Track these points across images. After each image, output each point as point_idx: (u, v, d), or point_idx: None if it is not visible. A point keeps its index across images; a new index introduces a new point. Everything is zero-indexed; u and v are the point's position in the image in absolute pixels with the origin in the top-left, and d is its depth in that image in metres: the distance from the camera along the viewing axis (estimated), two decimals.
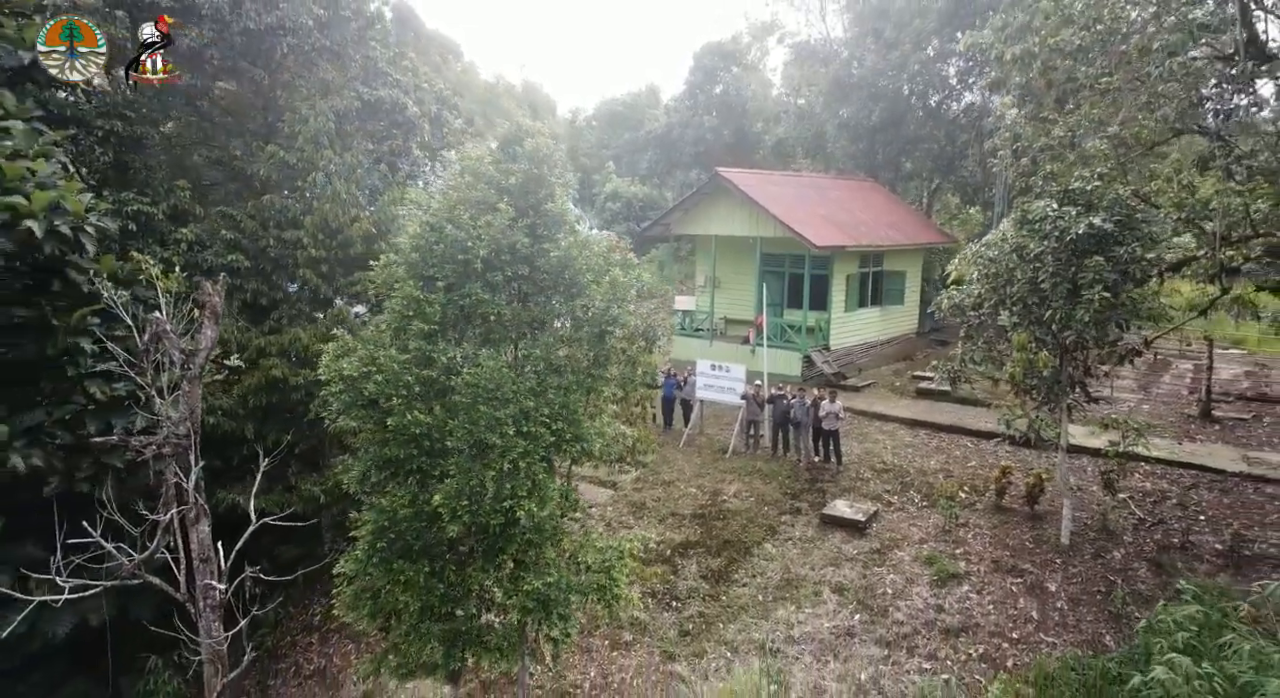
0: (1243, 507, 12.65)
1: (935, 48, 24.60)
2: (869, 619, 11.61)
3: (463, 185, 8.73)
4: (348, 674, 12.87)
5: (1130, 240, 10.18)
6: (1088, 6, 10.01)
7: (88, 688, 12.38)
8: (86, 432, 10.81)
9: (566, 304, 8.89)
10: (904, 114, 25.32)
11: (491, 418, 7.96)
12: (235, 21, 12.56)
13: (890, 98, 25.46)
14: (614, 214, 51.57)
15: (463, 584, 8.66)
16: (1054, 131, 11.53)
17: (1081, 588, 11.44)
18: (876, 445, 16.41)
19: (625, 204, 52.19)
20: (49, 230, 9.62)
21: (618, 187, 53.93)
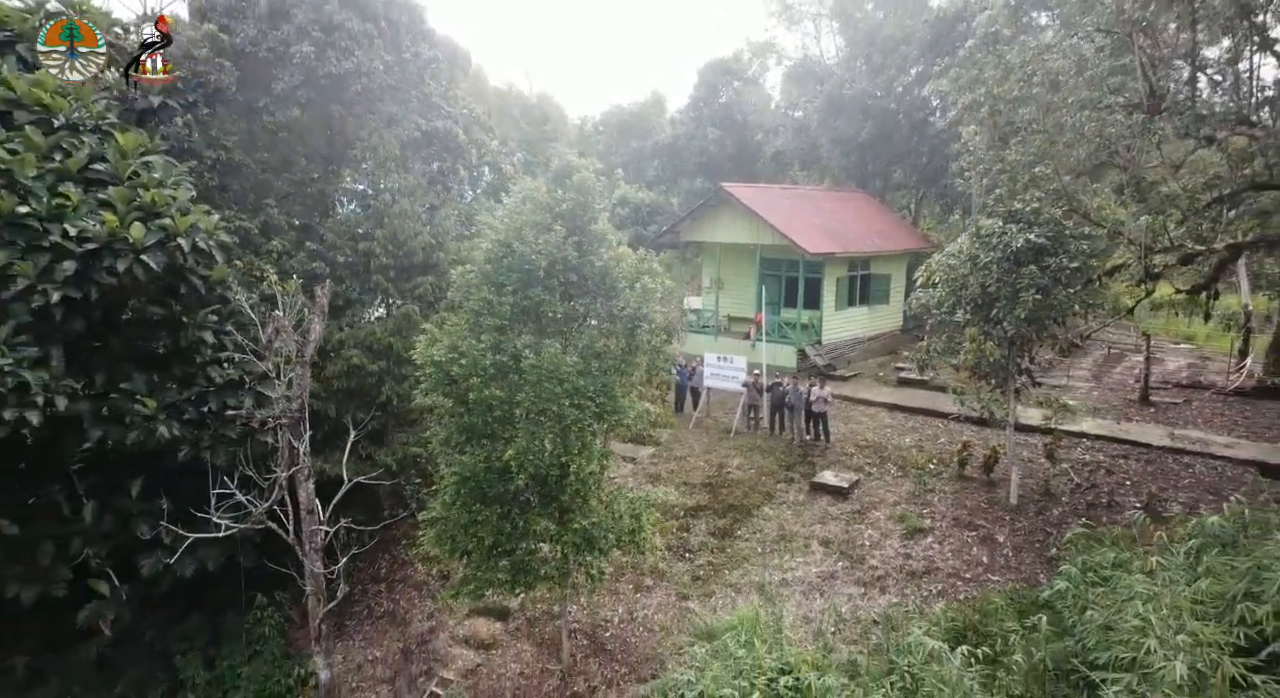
0: (1162, 474, 14.78)
1: (919, 72, 26.66)
2: (849, 566, 13.75)
3: (525, 210, 10.88)
4: (413, 614, 15.03)
5: (1059, 253, 12.31)
6: (1024, 63, 12.12)
7: (202, 622, 14.56)
8: (209, 408, 12.99)
9: (605, 304, 11.05)
10: (892, 130, 27.39)
11: (551, 392, 10.13)
12: (320, 67, 14.71)
13: (879, 116, 27.56)
14: (623, 219, 53.59)
15: (525, 525, 10.83)
16: (1008, 157, 13.65)
17: (1024, 539, 13.58)
18: (860, 426, 18.55)
19: (633, 209, 54.21)
20: (191, 246, 11.78)
21: (626, 193, 55.95)
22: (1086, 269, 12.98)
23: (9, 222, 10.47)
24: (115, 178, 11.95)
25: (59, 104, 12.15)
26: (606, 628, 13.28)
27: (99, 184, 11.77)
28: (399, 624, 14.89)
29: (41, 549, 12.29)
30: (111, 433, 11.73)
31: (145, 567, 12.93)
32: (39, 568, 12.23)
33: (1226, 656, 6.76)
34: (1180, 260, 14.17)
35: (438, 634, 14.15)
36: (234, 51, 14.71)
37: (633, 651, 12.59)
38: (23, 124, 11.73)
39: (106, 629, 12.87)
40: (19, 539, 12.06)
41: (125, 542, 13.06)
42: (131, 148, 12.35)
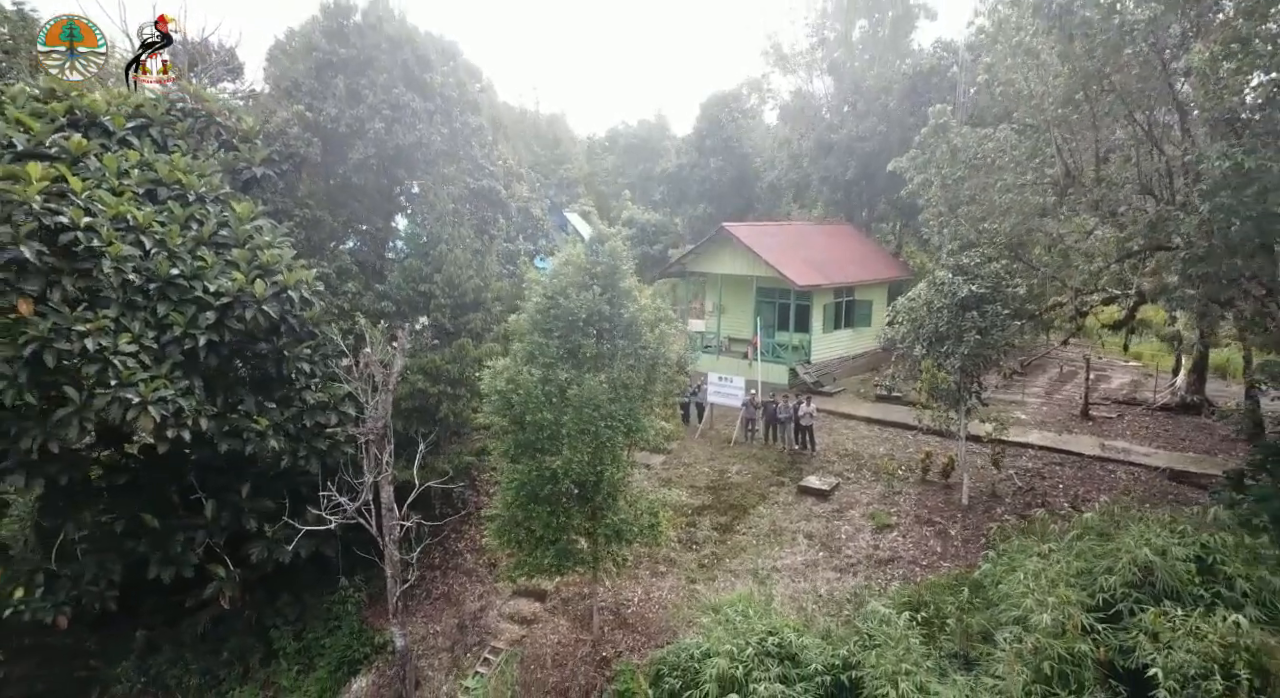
0: (1089, 479, 17.28)
1: (898, 119, 29.20)
2: (828, 555, 16.27)
3: (568, 272, 13.42)
4: (465, 596, 17.55)
5: (996, 301, 14.85)
6: (967, 147, 14.67)
7: (290, 600, 17.13)
8: (304, 424, 15.56)
9: (631, 345, 13.58)
10: (875, 170, 29.84)
11: (589, 416, 12.68)
12: (389, 140, 17.30)
13: (863, 157, 30.08)
14: (630, 239, 56.28)
15: (566, 520, 13.39)
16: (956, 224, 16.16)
17: (972, 532, 16.08)
18: (841, 437, 21.07)
19: (640, 230, 56.67)
20: (298, 297, 14.38)
21: (633, 214, 58.50)
22: (1022, 313, 15.52)
23: (166, 281, 13.08)
24: (236, 241, 14.56)
25: (190, 181, 14.75)
26: (628, 606, 15.78)
27: (225, 247, 14.37)
28: (454, 604, 17.42)
29: (174, 539, 14.91)
30: (234, 446, 14.31)
31: (254, 554, 15.53)
32: (173, 554, 14.85)
33: (1080, 611, 9.31)
34: (1103, 302, 16.74)
35: (487, 612, 16.70)
36: (318, 127, 17.31)
37: (650, 624, 15.11)
38: (165, 199, 14.36)
39: (225, 604, 15.45)
40: (159, 531, 14.69)
41: (236, 533, 15.66)
42: (245, 215, 14.97)
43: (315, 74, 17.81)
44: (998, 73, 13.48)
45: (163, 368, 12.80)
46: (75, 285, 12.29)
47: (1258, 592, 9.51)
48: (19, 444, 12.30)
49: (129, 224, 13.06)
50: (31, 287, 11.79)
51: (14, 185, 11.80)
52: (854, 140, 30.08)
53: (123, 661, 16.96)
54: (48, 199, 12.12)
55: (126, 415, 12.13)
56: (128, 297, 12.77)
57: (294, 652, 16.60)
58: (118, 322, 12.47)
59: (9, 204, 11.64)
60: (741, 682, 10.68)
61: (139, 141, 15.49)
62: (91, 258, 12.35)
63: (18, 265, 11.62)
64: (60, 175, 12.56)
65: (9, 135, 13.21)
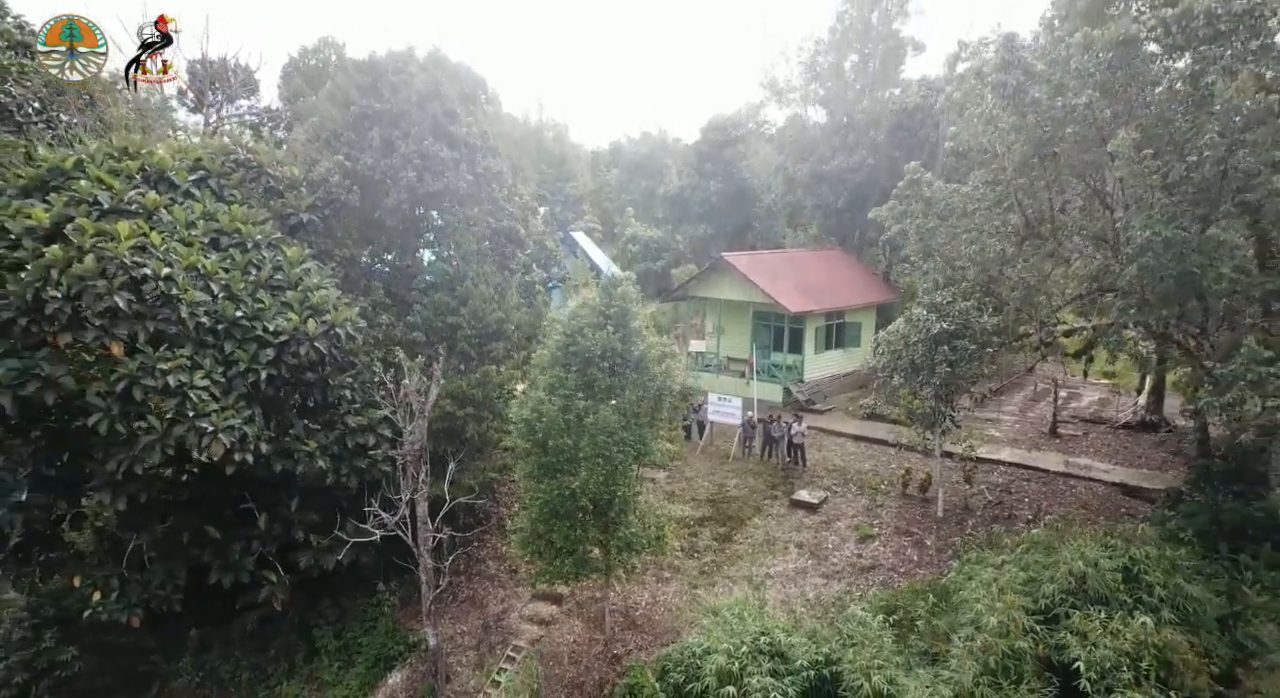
0: (1053, 493, 18.84)
1: (885, 152, 30.85)
2: (816, 563, 17.83)
3: (584, 314, 15.02)
4: (488, 600, 19.09)
5: (965, 337, 16.43)
6: (939, 199, 16.28)
7: (331, 603, 18.68)
8: (346, 445, 17.13)
9: (640, 378, 15.16)
10: (864, 199, 31.41)
11: (604, 442, 14.27)
12: (420, 186, 18.90)
13: (853, 187, 31.69)
14: (634, 255, 57.78)
15: (583, 533, 14.97)
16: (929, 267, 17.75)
17: (945, 542, 17.63)
18: (830, 454, 22.63)
19: (643, 246, 58.32)
20: (345, 334, 15.99)
21: (637, 231, 60.11)
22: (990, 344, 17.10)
23: (232, 323, 14.70)
24: (289, 283, 16.17)
25: (248, 230, 16.36)
26: (637, 609, 17.33)
27: (280, 289, 15.97)
28: (478, 606, 18.97)
29: (233, 548, 16.50)
30: (286, 465, 15.90)
31: (302, 561, 17.10)
32: (231, 561, 16.43)
33: (1023, 614, 10.88)
34: (1064, 334, 18.34)
35: (509, 614, 18.25)
36: (356, 175, 18.91)
37: (656, 625, 16.66)
38: (227, 247, 15.98)
39: (277, 606, 17.00)
40: (219, 541, 16.28)
41: (286, 542, 17.22)
42: (296, 259, 16.58)
43: (353, 126, 19.43)
44: (962, 139, 15.10)
45: (229, 399, 14.41)
46: (157, 328, 13.90)
47: (1173, 597, 11.10)
48: (106, 466, 13.93)
49: (200, 272, 14.67)
50: (121, 331, 13.40)
51: (109, 243, 13.45)
52: (845, 171, 31.72)
53: (179, 657, 18.53)
54: (134, 253, 13.75)
55: (201, 442, 13.74)
56: (200, 337, 14.38)
57: (335, 650, 18.13)
58: (192, 359, 14.07)
59: (105, 260, 13.27)
60: (737, 676, 12.25)
61: (200, 193, 17.11)
62: (170, 304, 13.96)
63: (111, 313, 13.25)
64: (142, 231, 14.19)
65: (94, 193, 14.85)
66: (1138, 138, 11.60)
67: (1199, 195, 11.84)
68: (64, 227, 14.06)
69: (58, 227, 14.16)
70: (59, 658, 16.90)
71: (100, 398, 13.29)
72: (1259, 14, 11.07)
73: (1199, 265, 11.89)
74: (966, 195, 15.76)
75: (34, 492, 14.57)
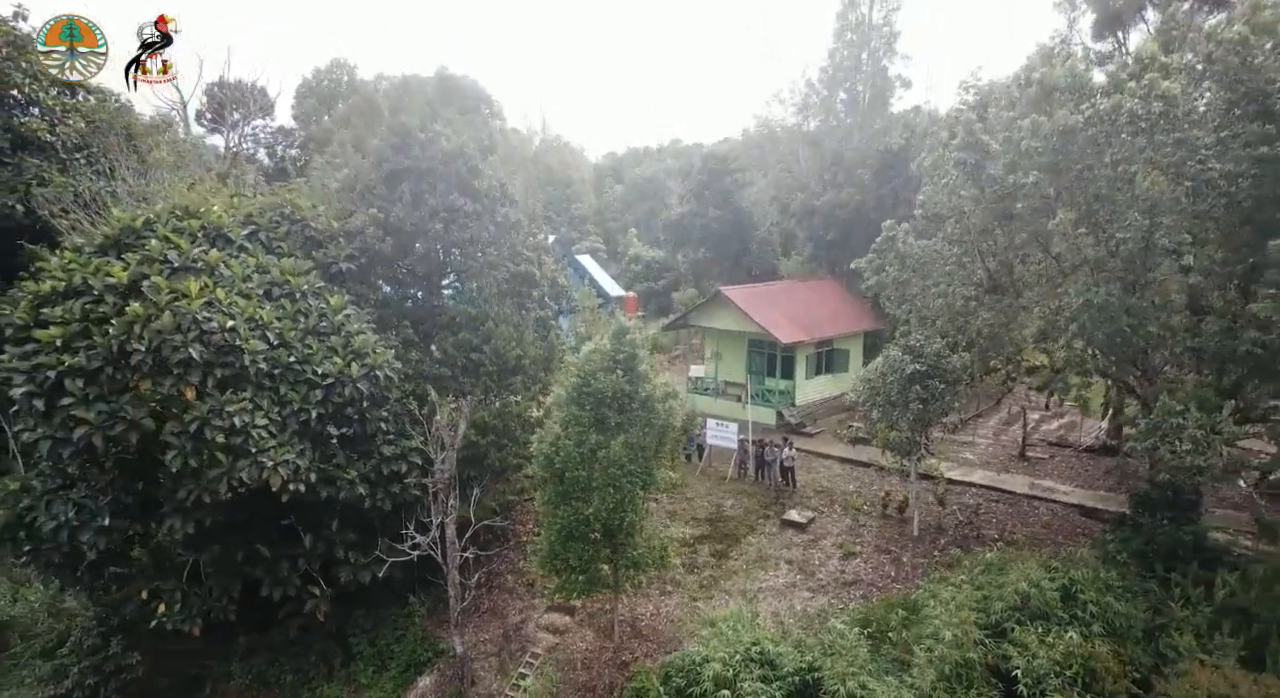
0: (1018, 514, 20.48)
1: (872, 190, 32.61)
2: (804, 578, 19.45)
3: (596, 359, 16.70)
4: (508, 611, 20.70)
5: (936, 377, 18.11)
6: (911, 254, 17.99)
7: (366, 614, 20.31)
8: (381, 473, 18.78)
9: (645, 415, 16.84)
10: (852, 233, 33.15)
11: (614, 473, 15.93)
12: (446, 236, 20.63)
13: (842, 222, 33.42)
14: (636, 274, 59.65)
15: (595, 553, 16.63)
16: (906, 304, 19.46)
17: (920, 559, 19.25)
18: (818, 475, 24.28)
19: (645, 266, 60.17)
20: (383, 375, 17.69)
21: (639, 251, 61.97)
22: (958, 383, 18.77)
23: (286, 367, 16.41)
24: (333, 329, 17.88)
25: (296, 282, 18.07)
26: (642, 620, 18.94)
27: (325, 335, 17.68)
28: (498, 617, 20.58)
29: (281, 564, 18.16)
30: (330, 492, 17.56)
31: (342, 576, 18.75)
32: (280, 576, 18.09)
33: (975, 629, 12.53)
34: (1026, 371, 20.03)
35: (527, 624, 19.86)
36: (388, 226, 20.63)
37: (660, 634, 18.28)
38: (278, 296, 17.70)
39: (320, 616, 18.63)
40: (270, 559, 17.94)
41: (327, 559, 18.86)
42: (338, 307, 18.31)
43: (385, 181, 21.16)
44: (930, 205, 16.83)
45: (285, 436, 16.12)
46: (223, 374, 15.61)
47: (1104, 614, 12.75)
48: (177, 495, 15.63)
49: (258, 322, 16.39)
50: (194, 377, 15.12)
51: (183, 300, 15.19)
52: (834, 207, 33.49)
53: (228, 661, 20.13)
54: (204, 308, 15.48)
55: (262, 475, 15.44)
56: (259, 381, 16.08)
57: (370, 655, 19.74)
58: (253, 401, 15.77)
59: (180, 316, 15.01)
60: (731, 681, 13.89)
61: (252, 245, 18.87)
62: (234, 352, 15.67)
63: (186, 362, 14.97)
64: (209, 288, 15.93)
65: (165, 252, 16.60)
66: (1074, 217, 13.30)
67: (1127, 265, 13.53)
68: (140, 284, 15.84)
69: (134, 284, 15.94)
70: (125, 663, 18.54)
71: (175, 436, 14.99)
72: (1173, 115, 12.76)
73: (1130, 325, 13.59)
74: (935, 251, 17.47)
75: (114, 517, 16.21)
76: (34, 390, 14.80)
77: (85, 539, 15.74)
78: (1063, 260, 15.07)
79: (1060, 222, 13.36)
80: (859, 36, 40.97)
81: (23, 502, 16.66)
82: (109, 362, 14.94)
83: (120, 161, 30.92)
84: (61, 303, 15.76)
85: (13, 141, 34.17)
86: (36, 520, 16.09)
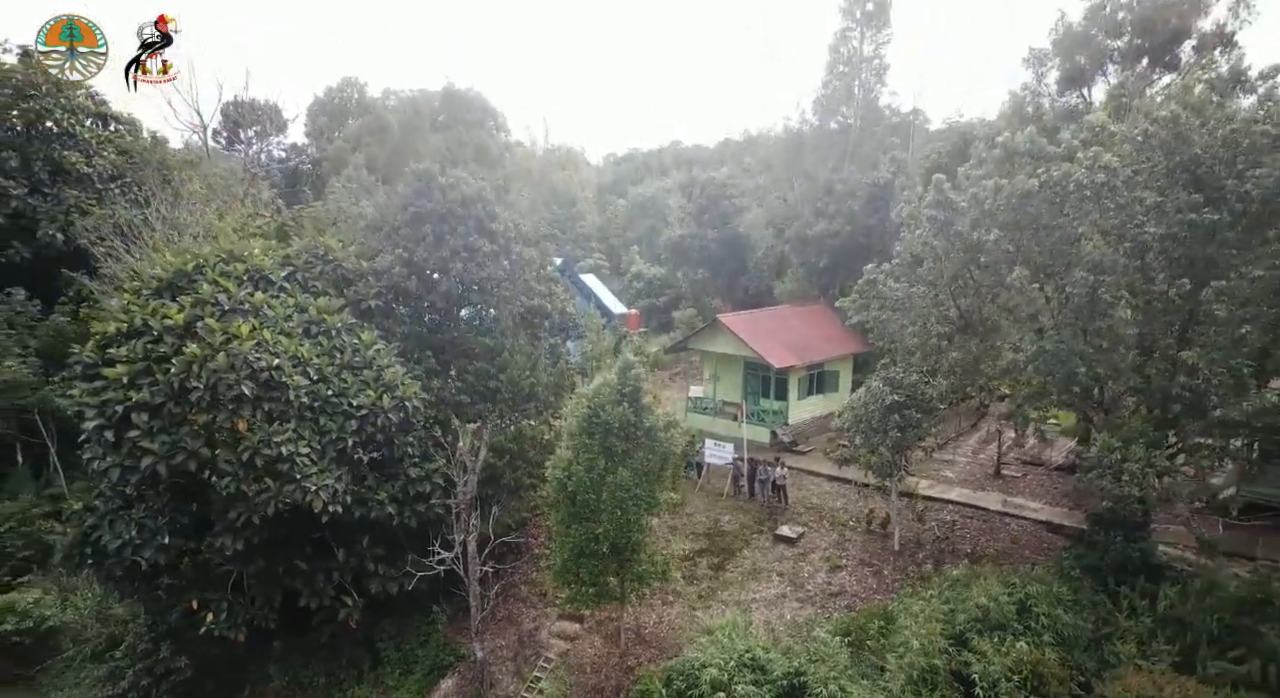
0: (991, 530, 21.95)
1: (861, 221, 34.26)
2: (793, 589, 20.92)
3: (604, 392, 18.22)
4: (522, 619, 22.17)
5: (912, 407, 19.64)
6: (891, 295, 19.55)
7: (392, 621, 21.79)
8: (407, 493, 20.29)
9: (649, 443, 18.36)
10: (843, 261, 34.69)
11: (621, 496, 17.44)
12: (466, 275, 22.22)
13: (833, 250, 34.98)
14: (638, 291, 61.19)
15: (603, 568, 18.13)
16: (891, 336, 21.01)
17: (900, 572, 20.70)
18: (808, 493, 25.75)
19: (647, 283, 61.69)
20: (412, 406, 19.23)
21: (641, 268, 63.45)
22: (934, 411, 20.28)
23: (325, 400, 17.97)
24: (365, 363, 19.43)
25: (331, 320, 19.64)
26: (646, 627, 20.40)
27: (358, 369, 19.24)
28: (514, 624, 22.07)
29: (317, 577, 19.67)
30: (362, 512, 19.08)
31: (372, 587, 20.26)
32: (317, 588, 19.60)
33: (940, 638, 14.02)
34: (998, 398, 21.56)
35: (540, 631, 21.34)
36: (413, 265, 22.21)
37: (662, 641, 19.75)
38: (315, 334, 19.26)
39: (352, 624, 20.13)
40: (307, 571, 19.45)
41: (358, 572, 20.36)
42: (369, 342, 19.87)
43: (409, 223, 22.72)
44: (905, 254, 18.40)
45: (324, 462, 17.67)
46: (270, 407, 17.17)
47: (1054, 624, 14.24)
48: (228, 516, 17.17)
49: (299, 360, 17.96)
50: (246, 411, 16.67)
51: (235, 341, 16.76)
52: (825, 236, 35.06)
53: (265, 664, 21.64)
54: (253, 348, 17.04)
55: (305, 498, 16.99)
56: (301, 413, 17.63)
57: (396, 660, 21.23)
58: (296, 431, 17.32)
59: (233, 356, 16.57)
60: (726, 685, 15.37)
61: (290, 286, 20.45)
62: (280, 388, 17.24)
63: (238, 398, 16.52)
64: (257, 330, 17.50)
65: (215, 295, 18.18)
66: (1028, 273, 14.86)
67: (1077, 314, 15.07)
68: (195, 325, 17.42)
69: (189, 325, 17.52)
70: (174, 666, 20.04)
71: (228, 464, 16.54)
72: (1114, 185, 14.31)
73: (1079, 367, 15.12)
74: (912, 293, 19.02)
75: (172, 535, 17.73)
76: (104, 423, 16.38)
77: (147, 556, 17.24)
78: (1019, 311, 16.61)
79: (1017, 275, 14.92)
80: (850, 68, 42.73)
81: (88, 521, 18.19)
82: (170, 397, 16.51)
83: (155, 194, 32.53)
84: (125, 343, 17.34)
85: (52, 173, 35.99)
86: (101, 539, 17.60)
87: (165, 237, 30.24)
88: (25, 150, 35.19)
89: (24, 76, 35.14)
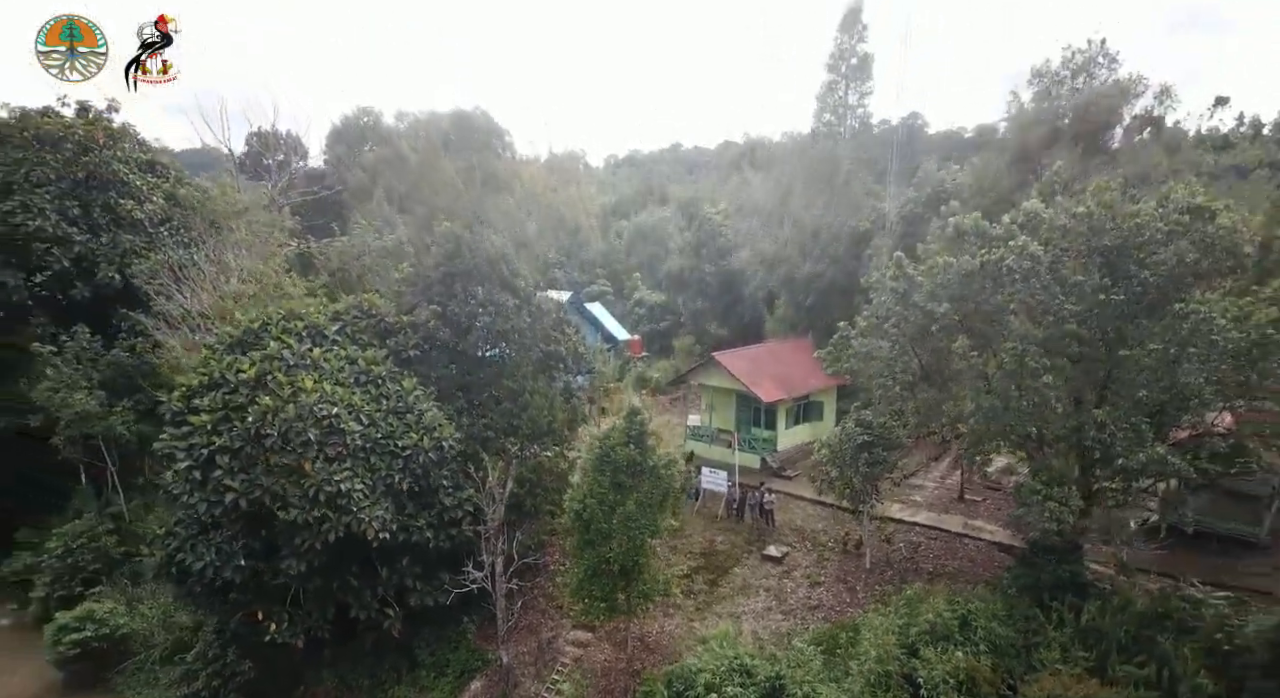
0: (951, 551, 24.47)
1: (844, 263, 36.92)
2: (778, 603, 23.41)
3: (615, 434, 20.82)
4: (540, 628, 24.66)
5: (880, 445, 22.20)
6: (861, 350, 22.16)
7: (430, 631, 24.27)
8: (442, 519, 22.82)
9: (652, 479, 20.91)
10: (828, 301, 37.37)
11: (629, 525, 20.01)
12: (492, 326, 24.87)
13: (819, 291, 37.69)
14: (640, 316, 63.90)
15: (613, 586, 20.68)
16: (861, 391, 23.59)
17: (871, 589, 23.22)
18: (794, 516, 28.27)
19: (649, 309, 64.45)
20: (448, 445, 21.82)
21: (643, 295, 66.19)
22: (900, 447, 22.84)
23: (375, 442, 20.57)
24: (407, 408, 22.04)
25: (378, 370, 22.28)
26: (650, 636, 22.89)
27: (402, 413, 21.84)
28: (533, 633, 24.54)
29: (365, 591, 22.21)
30: (404, 537, 21.63)
31: (412, 601, 22.78)
32: (364, 601, 22.14)
33: (895, 648, 16.52)
34: (954, 437, 24.13)
35: (556, 639, 23.82)
36: (446, 318, 24.87)
37: (664, 648, 22.25)
38: (364, 382, 21.88)
39: (395, 633, 22.64)
40: (357, 587, 22.00)
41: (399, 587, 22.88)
42: (410, 389, 22.49)
43: (441, 281, 25.39)
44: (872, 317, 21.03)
45: (375, 496, 20.26)
46: (329, 449, 19.77)
47: (989, 636, 16.75)
48: (294, 541, 19.73)
49: (352, 407, 20.59)
50: (311, 453, 19.27)
51: (302, 394, 19.39)
52: (812, 277, 37.75)
53: (316, 668, 24.13)
54: (317, 399, 19.66)
55: (360, 527, 19.56)
56: (355, 454, 20.24)
57: (430, 664, 23.70)
58: (352, 470, 19.91)
59: (301, 406, 19.19)
60: (719, 687, 17.84)
61: (341, 339, 23.10)
62: (338, 433, 19.85)
63: (305, 442, 19.13)
64: (319, 383, 20.13)
65: (281, 352, 20.82)
66: (969, 342, 17.48)
67: (1009, 377, 17.67)
68: (265, 378, 20.05)
69: (260, 378, 20.13)
70: (239, 669, 22.54)
71: (295, 499, 19.12)
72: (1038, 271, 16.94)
73: (1013, 421, 17.72)
74: (878, 348, 21.64)
75: (246, 558, 20.28)
76: (192, 464, 18.99)
77: (227, 576, 19.79)
78: (962, 376, 19.21)
79: (960, 344, 17.53)
80: (836, 117, 45.65)
81: (171, 544, 20.76)
82: (247, 441, 19.11)
83: (205, 241, 35.25)
84: (206, 394, 19.98)
85: (109, 219, 38.75)
86: (185, 560, 20.15)
87: (213, 280, 32.92)
88: (85, 199, 37.94)
89: (85, 133, 37.94)
